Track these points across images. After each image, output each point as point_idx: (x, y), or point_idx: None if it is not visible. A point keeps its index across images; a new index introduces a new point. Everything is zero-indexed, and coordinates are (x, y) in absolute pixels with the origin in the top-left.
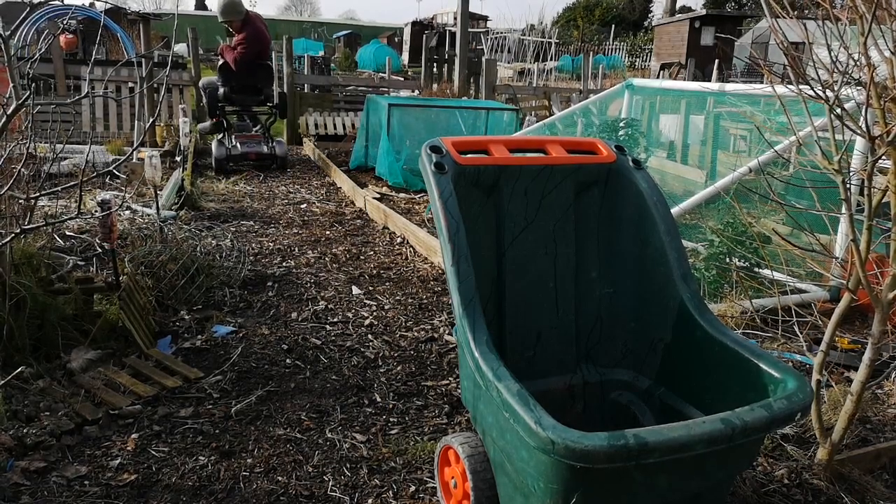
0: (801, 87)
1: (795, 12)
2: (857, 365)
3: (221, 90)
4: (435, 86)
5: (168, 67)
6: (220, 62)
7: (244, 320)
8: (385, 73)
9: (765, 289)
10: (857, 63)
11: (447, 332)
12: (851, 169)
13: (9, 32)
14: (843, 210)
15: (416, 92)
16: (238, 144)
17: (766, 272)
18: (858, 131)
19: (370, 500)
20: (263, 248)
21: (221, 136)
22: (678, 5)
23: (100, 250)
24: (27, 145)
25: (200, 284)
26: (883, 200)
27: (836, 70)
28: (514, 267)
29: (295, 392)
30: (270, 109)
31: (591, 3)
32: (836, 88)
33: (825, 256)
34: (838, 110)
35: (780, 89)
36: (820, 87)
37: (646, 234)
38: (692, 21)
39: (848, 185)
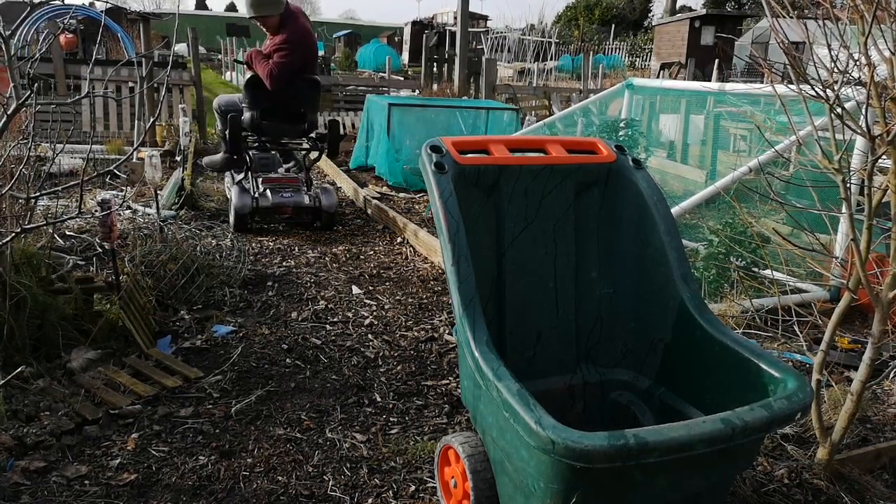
0: (801, 86)
1: (796, 12)
2: (857, 364)
3: (248, 115)
4: (435, 86)
5: (168, 67)
6: (248, 76)
7: (244, 320)
8: (385, 72)
9: (765, 289)
10: (858, 62)
11: (447, 331)
12: (851, 168)
13: (9, 32)
14: (844, 210)
15: (416, 92)
16: (268, 192)
17: (766, 272)
18: (858, 130)
19: (370, 500)
20: (263, 248)
21: (242, 175)
22: (678, 5)
23: (100, 250)
24: (28, 145)
25: (200, 284)
26: (883, 200)
27: (836, 69)
28: (514, 267)
29: (295, 392)
30: (314, 142)
31: (592, 2)
32: (836, 88)
33: (825, 256)
34: (838, 110)
35: (781, 89)
36: (820, 87)
37: (646, 234)
38: (692, 21)
39: (848, 185)
